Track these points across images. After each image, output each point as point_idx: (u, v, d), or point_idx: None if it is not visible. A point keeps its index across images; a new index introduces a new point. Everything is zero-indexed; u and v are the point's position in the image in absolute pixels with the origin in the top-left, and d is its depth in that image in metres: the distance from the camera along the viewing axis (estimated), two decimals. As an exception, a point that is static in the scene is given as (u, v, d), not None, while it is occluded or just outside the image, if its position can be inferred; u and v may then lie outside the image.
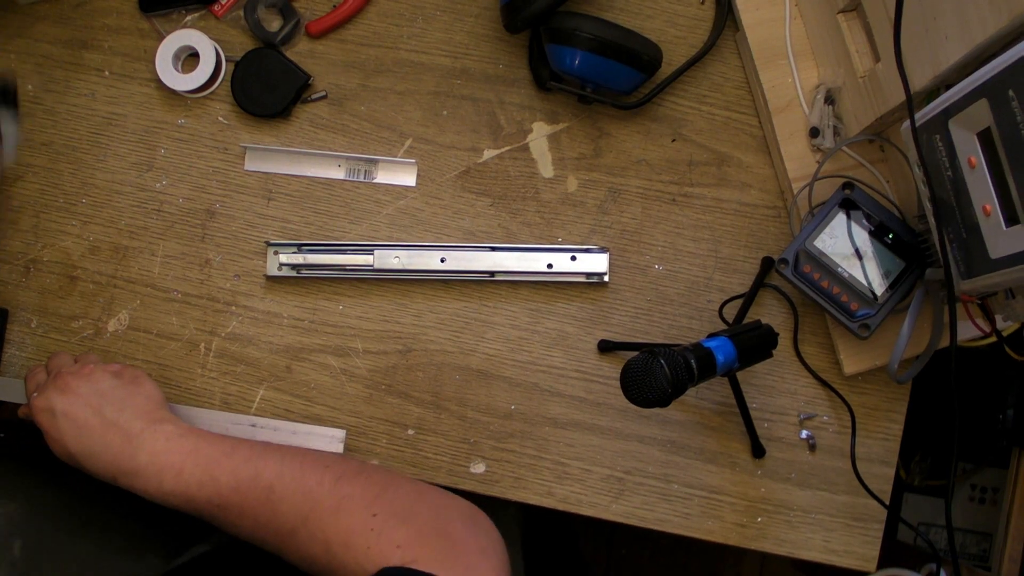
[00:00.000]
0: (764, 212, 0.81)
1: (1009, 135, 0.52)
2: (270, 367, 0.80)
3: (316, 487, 0.62)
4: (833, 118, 0.76)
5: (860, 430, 0.78)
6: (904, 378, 0.75)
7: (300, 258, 0.79)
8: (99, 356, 0.76)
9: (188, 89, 0.80)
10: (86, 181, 0.82)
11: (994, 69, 0.52)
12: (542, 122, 0.82)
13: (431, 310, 0.81)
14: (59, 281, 0.81)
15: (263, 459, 0.64)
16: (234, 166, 0.82)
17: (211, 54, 0.80)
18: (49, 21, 0.83)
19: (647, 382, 0.61)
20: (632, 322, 0.80)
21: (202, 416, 0.79)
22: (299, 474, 0.63)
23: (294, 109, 0.82)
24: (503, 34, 0.82)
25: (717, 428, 0.79)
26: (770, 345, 0.71)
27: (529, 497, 0.79)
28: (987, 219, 0.55)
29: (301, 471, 0.63)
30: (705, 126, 0.81)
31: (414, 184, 0.82)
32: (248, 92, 0.80)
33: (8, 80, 0.78)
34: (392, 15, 0.83)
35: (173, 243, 0.81)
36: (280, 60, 0.80)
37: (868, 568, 0.78)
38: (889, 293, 0.72)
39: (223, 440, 0.66)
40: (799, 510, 0.78)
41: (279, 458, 0.64)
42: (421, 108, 0.82)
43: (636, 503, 0.79)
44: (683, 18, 0.82)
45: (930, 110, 0.59)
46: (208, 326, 0.81)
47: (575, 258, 0.79)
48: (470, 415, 0.79)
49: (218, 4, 0.82)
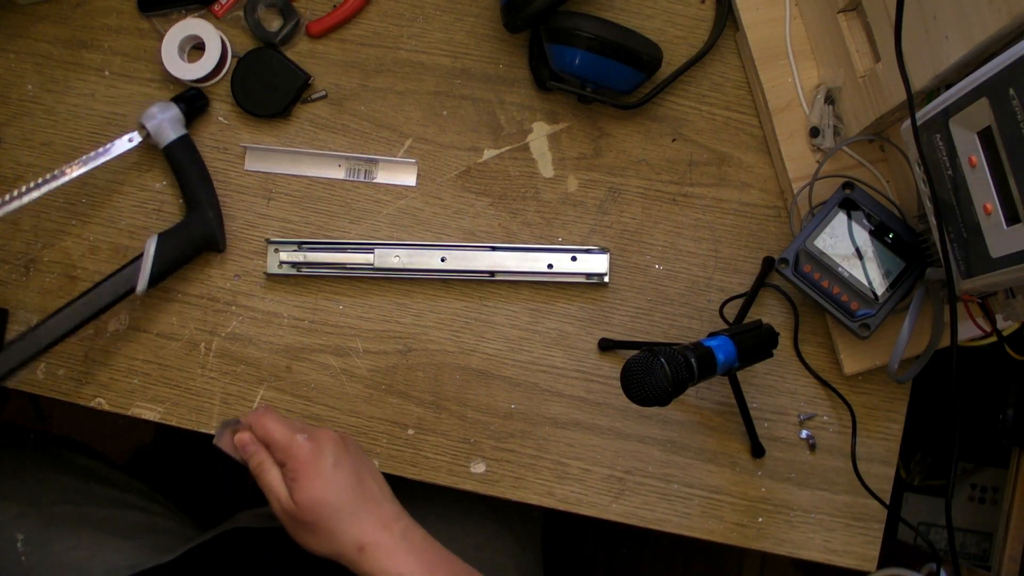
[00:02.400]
0: (764, 212, 0.81)
1: (1010, 134, 0.52)
2: (270, 367, 0.80)
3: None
4: (833, 118, 0.76)
5: (860, 430, 0.78)
6: (904, 378, 0.75)
7: (300, 256, 0.79)
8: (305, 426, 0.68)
9: (194, 78, 0.80)
10: (86, 181, 0.82)
11: (994, 68, 0.52)
12: (542, 122, 0.82)
13: (431, 310, 0.81)
14: (59, 281, 0.81)
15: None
16: (234, 166, 0.82)
17: (217, 43, 0.80)
18: (49, 21, 0.83)
19: (647, 381, 0.61)
20: (632, 322, 0.80)
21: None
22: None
23: (294, 109, 0.82)
24: (503, 34, 0.82)
25: (717, 428, 0.79)
26: (770, 345, 0.71)
27: (529, 497, 0.79)
28: (988, 218, 0.55)
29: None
30: (705, 126, 0.81)
31: (414, 184, 0.82)
32: (248, 92, 0.80)
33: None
34: (392, 15, 0.83)
35: (173, 243, 0.81)
36: (280, 60, 0.80)
37: (868, 568, 0.78)
38: (889, 293, 0.72)
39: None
40: (799, 510, 0.78)
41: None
42: (421, 108, 0.82)
43: (636, 503, 0.79)
44: (683, 18, 0.82)
45: (930, 109, 0.59)
46: (208, 326, 0.81)
47: (575, 258, 0.79)
48: (470, 415, 0.79)
49: (218, 4, 0.82)
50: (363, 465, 0.67)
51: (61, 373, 0.80)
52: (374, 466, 0.68)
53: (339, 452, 0.65)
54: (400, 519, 0.65)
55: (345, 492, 0.64)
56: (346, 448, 0.66)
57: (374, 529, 0.64)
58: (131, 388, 0.80)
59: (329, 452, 0.64)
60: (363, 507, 0.64)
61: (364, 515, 0.64)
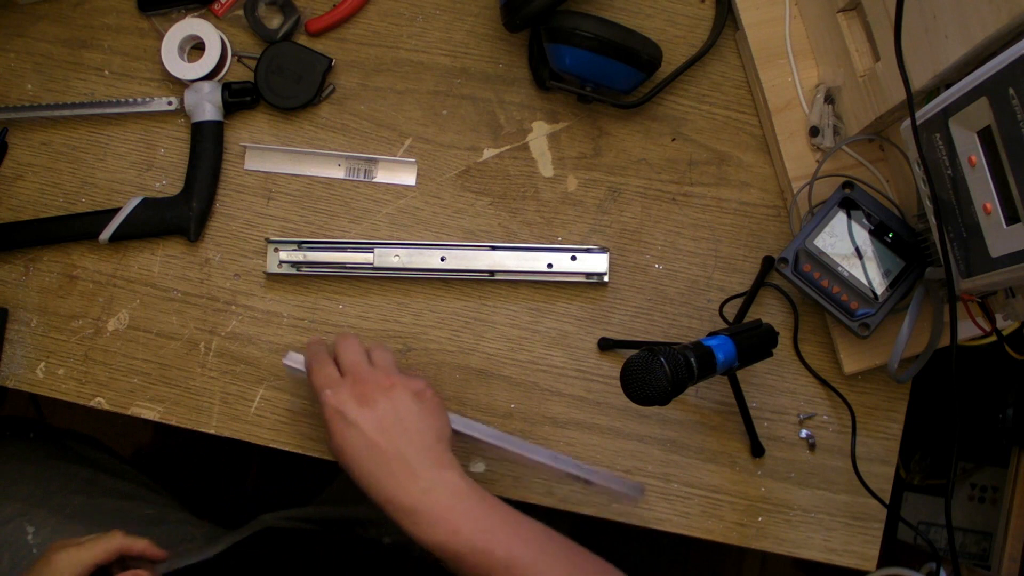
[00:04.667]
0: (764, 211, 0.81)
1: (1009, 133, 0.52)
2: (270, 366, 0.80)
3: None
4: (833, 117, 0.76)
5: (860, 429, 0.78)
6: (904, 377, 0.75)
7: (300, 255, 0.79)
8: (391, 356, 0.72)
9: (194, 78, 0.80)
10: (86, 181, 0.82)
11: (994, 67, 0.52)
12: (542, 121, 0.82)
13: (431, 309, 0.81)
14: (59, 280, 0.81)
15: (548, 544, 0.64)
16: (234, 165, 0.82)
17: (216, 43, 0.80)
18: (49, 20, 0.83)
19: (647, 380, 0.61)
20: (632, 321, 0.80)
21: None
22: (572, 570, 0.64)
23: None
24: (503, 33, 0.82)
25: (717, 427, 0.79)
26: (770, 344, 0.71)
27: (529, 496, 0.79)
28: (987, 218, 0.55)
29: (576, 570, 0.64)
30: (705, 125, 0.81)
31: (414, 183, 0.82)
32: (274, 89, 0.80)
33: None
34: (392, 14, 0.83)
35: (173, 242, 0.81)
36: (298, 49, 0.80)
37: (868, 567, 0.78)
38: (889, 292, 0.72)
39: (503, 509, 0.65)
40: (799, 509, 0.78)
41: (559, 550, 0.65)
42: (421, 107, 0.82)
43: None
44: (683, 17, 0.82)
45: (930, 109, 0.59)
46: (208, 325, 0.81)
47: (575, 258, 0.79)
48: (470, 414, 0.79)
49: (218, 3, 0.82)
50: (421, 423, 0.67)
51: (61, 373, 0.80)
52: (442, 441, 0.68)
53: (400, 396, 0.66)
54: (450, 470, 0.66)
55: (377, 427, 0.64)
56: (416, 401, 0.67)
57: (427, 480, 0.64)
58: (131, 387, 0.80)
59: (386, 387, 0.66)
60: (394, 454, 0.64)
61: (416, 467, 0.64)
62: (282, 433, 0.80)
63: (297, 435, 0.80)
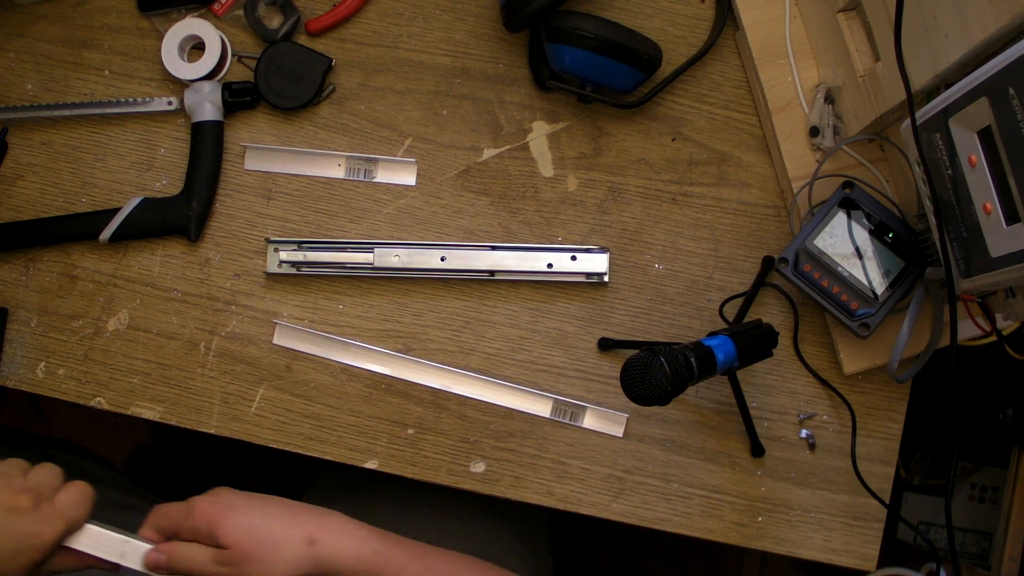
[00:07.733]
0: (764, 211, 0.81)
1: (1009, 133, 0.52)
2: (270, 366, 0.80)
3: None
4: (833, 117, 0.76)
5: (860, 429, 0.78)
6: (904, 377, 0.75)
7: (300, 255, 0.79)
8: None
9: (194, 78, 0.80)
10: (86, 181, 0.82)
11: (994, 67, 0.52)
12: (542, 121, 0.82)
13: (431, 309, 0.81)
14: (59, 280, 0.81)
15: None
16: (234, 165, 0.82)
17: (216, 43, 0.80)
18: (49, 20, 0.83)
19: (647, 380, 0.61)
20: (632, 321, 0.80)
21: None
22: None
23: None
24: (503, 33, 0.82)
25: (717, 427, 0.79)
26: (770, 344, 0.71)
27: (529, 496, 0.79)
28: (987, 218, 0.55)
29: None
30: (705, 125, 0.81)
31: (414, 183, 0.82)
32: (274, 88, 0.80)
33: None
34: (392, 14, 0.83)
35: (173, 242, 0.81)
36: (298, 49, 0.80)
37: (868, 567, 0.78)
38: (889, 292, 0.72)
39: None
40: (799, 509, 0.78)
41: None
42: (421, 107, 0.82)
43: (636, 502, 0.79)
44: (683, 17, 0.82)
45: (930, 109, 0.59)
46: (208, 325, 0.81)
47: (575, 258, 0.79)
48: (470, 414, 0.79)
49: (218, 3, 0.82)
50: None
51: (61, 373, 0.80)
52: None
53: (235, 491, 0.63)
54: (333, 510, 0.64)
55: (268, 505, 0.62)
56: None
57: (316, 518, 0.62)
58: (131, 387, 0.80)
59: (228, 491, 0.63)
60: (293, 508, 0.63)
61: (299, 512, 0.62)
62: (282, 433, 0.80)
63: (297, 435, 0.80)
